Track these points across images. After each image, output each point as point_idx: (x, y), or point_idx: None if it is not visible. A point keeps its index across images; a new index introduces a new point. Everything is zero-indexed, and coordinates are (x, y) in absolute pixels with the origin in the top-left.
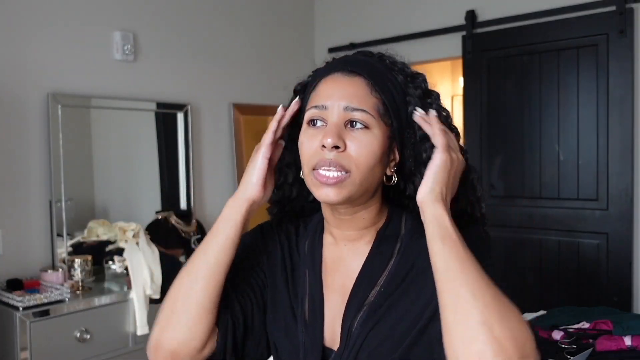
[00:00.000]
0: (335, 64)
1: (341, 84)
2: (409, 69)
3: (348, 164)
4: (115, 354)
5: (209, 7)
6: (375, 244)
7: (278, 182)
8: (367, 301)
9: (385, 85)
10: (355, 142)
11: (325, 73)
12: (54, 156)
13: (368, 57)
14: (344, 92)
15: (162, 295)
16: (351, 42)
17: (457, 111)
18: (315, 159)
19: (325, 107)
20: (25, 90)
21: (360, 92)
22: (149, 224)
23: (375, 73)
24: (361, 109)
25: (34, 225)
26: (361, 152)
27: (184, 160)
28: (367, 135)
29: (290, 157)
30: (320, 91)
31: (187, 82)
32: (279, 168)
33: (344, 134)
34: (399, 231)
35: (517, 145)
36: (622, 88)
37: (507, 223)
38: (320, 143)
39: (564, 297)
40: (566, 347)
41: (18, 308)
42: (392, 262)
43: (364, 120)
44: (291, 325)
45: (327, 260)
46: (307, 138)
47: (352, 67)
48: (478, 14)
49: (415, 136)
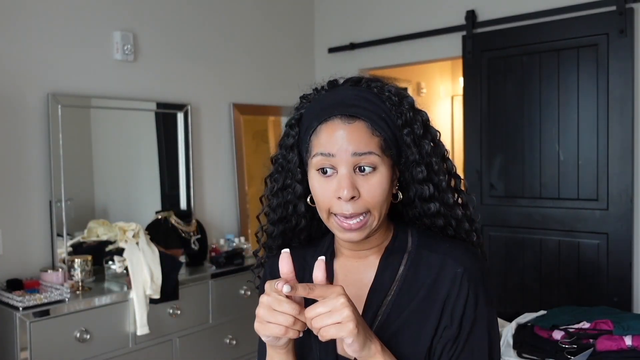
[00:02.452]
0: (332, 107)
1: (344, 130)
2: (396, 93)
3: (365, 208)
4: (115, 354)
5: (209, 7)
6: (384, 256)
7: (283, 214)
8: (381, 310)
9: (382, 122)
10: (367, 187)
11: (322, 116)
12: (54, 156)
13: (358, 90)
14: (348, 138)
15: (162, 295)
16: (351, 42)
17: (457, 111)
18: (334, 207)
19: (333, 155)
20: (25, 90)
21: (363, 136)
22: (149, 224)
23: (371, 111)
24: (368, 151)
25: (34, 225)
26: (374, 194)
27: (184, 160)
28: (376, 176)
29: (301, 189)
30: (324, 137)
31: (187, 82)
32: (287, 200)
33: (355, 181)
34: (406, 245)
35: (517, 145)
36: (622, 88)
37: (507, 223)
38: (335, 193)
39: (564, 297)
40: (567, 347)
41: (18, 308)
42: (400, 272)
43: (372, 162)
44: (306, 341)
45: (338, 273)
46: (321, 185)
47: (351, 112)
48: (478, 14)
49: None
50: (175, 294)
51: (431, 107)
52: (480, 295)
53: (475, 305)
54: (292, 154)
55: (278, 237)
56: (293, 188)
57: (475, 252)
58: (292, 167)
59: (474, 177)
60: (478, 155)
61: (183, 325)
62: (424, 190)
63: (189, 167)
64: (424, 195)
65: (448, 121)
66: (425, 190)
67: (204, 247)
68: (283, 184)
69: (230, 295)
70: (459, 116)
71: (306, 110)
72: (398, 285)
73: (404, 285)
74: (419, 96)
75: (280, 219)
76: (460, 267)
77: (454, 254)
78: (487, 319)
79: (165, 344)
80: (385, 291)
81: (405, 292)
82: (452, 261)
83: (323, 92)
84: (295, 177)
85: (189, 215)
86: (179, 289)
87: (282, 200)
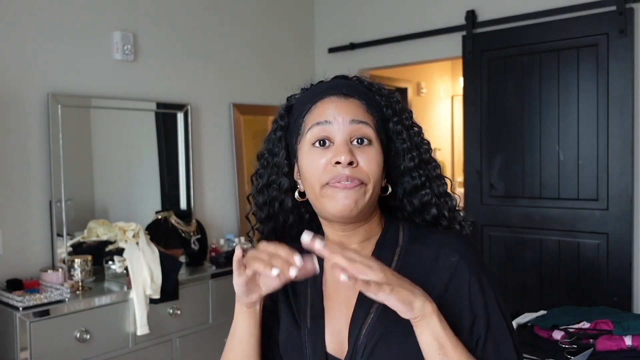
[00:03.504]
0: (325, 89)
1: (341, 103)
2: (384, 89)
3: (363, 177)
4: (115, 354)
5: (209, 7)
6: (375, 251)
7: (270, 212)
8: (373, 308)
9: (374, 105)
10: (364, 157)
11: (317, 97)
12: (54, 156)
13: (349, 81)
14: (345, 108)
15: (162, 295)
16: (351, 42)
17: (457, 111)
18: (328, 175)
19: (330, 122)
20: (25, 90)
21: (359, 110)
22: (149, 224)
23: (365, 95)
24: (365, 121)
25: (34, 225)
26: (371, 165)
27: (184, 160)
28: (372, 150)
29: (288, 183)
30: (320, 111)
31: (187, 82)
32: (272, 197)
33: (353, 151)
34: (397, 239)
35: (517, 145)
36: (622, 88)
37: (507, 223)
38: (330, 161)
39: (564, 297)
40: (566, 347)
41: (18, 308)
42: (392, 267)
43: (369, 134)
44: (297, 340)
45: (327, 271)
46: (314, 158)
47: (346, 91)
48: (478, 14)
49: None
50: (175, 294)
51: (431, 107)
52: (483, 278)
53: (481, 290)
54: (280, 146)
55: (270, 235)
56: (278, 183)
57: (467, 238)
58: (278, 161)
59: (474, 177)
60: (478, 155)
61: (183, 325)
62: (415, 178)
63: (189, 167)
64: (415, 183)
65: (448, 121)
66: (416, 178)
67: (204, 247)
68: (268, 180)
69: (230, 295)
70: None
71: (297, 100)
72: None
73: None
74: (419, 96)
75: (268, 217)
76: (455, 255)
77: (446, 243)
78: (497, 301)
79: (165, 344)
80: None
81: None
82: (446, 251)
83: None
84: (281, 170)
85: (189, 215)
86: (179, 289)
87: (267, 198)
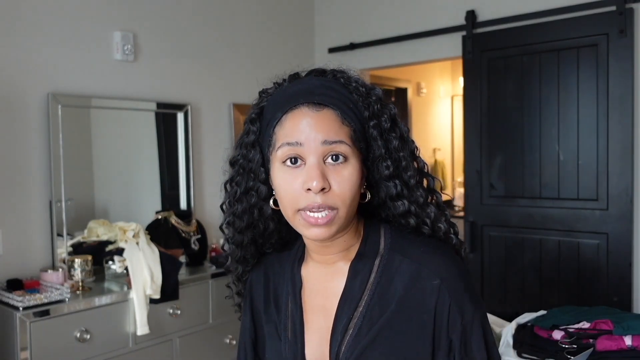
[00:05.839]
0: (297, 95)
1: (312, 118)
2: (363, 84)
3: (334, 202)
4: (115, 354)
5: (209, 7)
6: (354, 262)
7: (249, 220)
8: (352, 323)
9: (351, 112)
10: (337, 179)
11: (288, 105)
12: (54, 156)
13: (324, 80)
14: (317, 126)
15: (162, 295)
16: (351, 42)
17: (457, 111)
18: (301, 202)
19: (301, 144)
20: (25, 90)
21: (333, 124)
22: (149, 224)
23: (340, 100)
24: (339, 140)
25: (34, 225)
26: (344, 187)
27: (184, 160)
28: (347, 168)
29: (266, 189)
30: (290, 127)
31: (187, 82)
32: (252, 204)
33: (325, 172)
34: (378, 248)
35: (517, 145)
36: (622, 88)
37: (507, 223)
38: (303, 185)
39: (564, 297)
40: (566, 347)
41: (18, 308)
42: (371, 279)
43: (343, 151)
44: (278, 352)
45: (307, 283)
46: (286, 179)
47: (318, 99)
48: (478, 14)
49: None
50: (176, 294)
51: (431, 107)
52: (466, 304)
53: (461, 316)
54: (254, 151)
55: (249, 245)
56: (257, 190)
57: (452, 257)
58: (254, 167)
59: (474, 177)
60: (478, 155)
61: (183, 325)
62: (390, 188)
63: (189, 167)
64: (391, 193)
65: (448, 121)
66: (391, 187)
67: (204, 247)
68: (245, 187)
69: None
70: (459, 116)
71: (268, 102)
72: (369, 295)
73: (375, 295)
74: (419, 96)
75: (248, 226)
76: (437, 279)
77: (429, 263)
78: (480, 325)
79: (165, 344)
80: (356, 301)
81: (375, 303)
82: (427, 271)
83: (285, 85)
84: (258, 177)
85: (189, 215)
86: (179, 289)
87: (246, 206)
